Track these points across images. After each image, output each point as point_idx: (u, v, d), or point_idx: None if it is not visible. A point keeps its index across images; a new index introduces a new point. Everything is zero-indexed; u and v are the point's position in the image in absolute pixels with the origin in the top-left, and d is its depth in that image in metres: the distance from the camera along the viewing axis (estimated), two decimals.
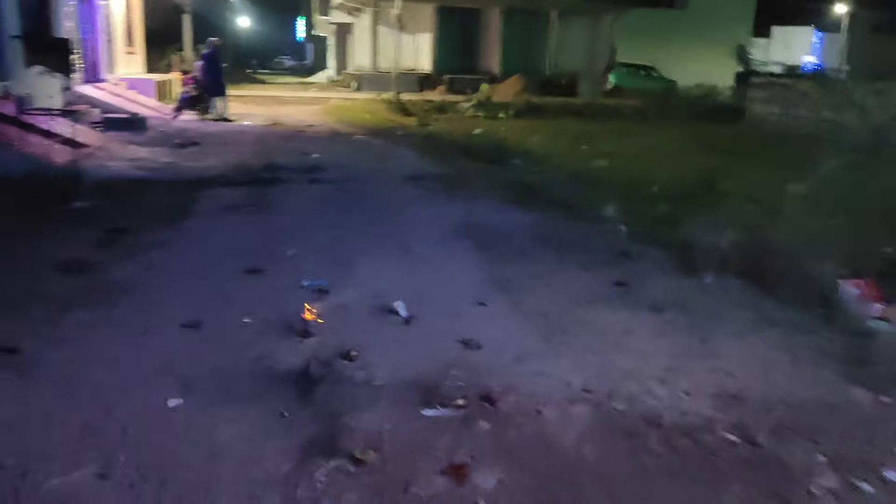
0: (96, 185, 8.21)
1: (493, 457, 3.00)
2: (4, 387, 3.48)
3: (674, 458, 3.04)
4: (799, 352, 4.16)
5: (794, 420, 3.36)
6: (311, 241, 6.28)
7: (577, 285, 5.27)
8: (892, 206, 6.43)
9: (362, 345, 4.04)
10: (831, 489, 2.83)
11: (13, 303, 4.53)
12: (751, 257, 5.67)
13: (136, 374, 3.66)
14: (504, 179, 9.84)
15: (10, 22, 11.53)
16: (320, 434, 3.13)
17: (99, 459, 2.90)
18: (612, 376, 3.77)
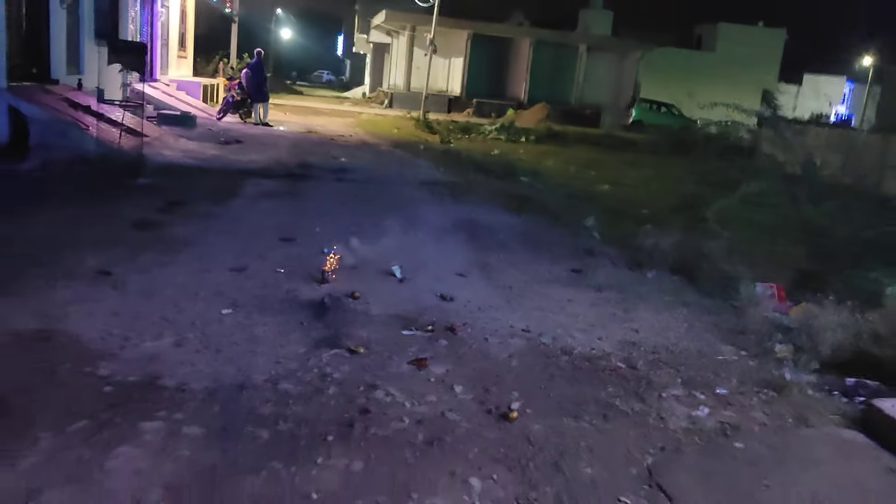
0: (156, 167, 9.69)
1: (446, 358, 4.30)
2: (105, 293, 4.85)
3: (574, 372, 4.32)
4: (696, 323, 5.43)
5: (669, 358, 4.63)
6: (333, 222, 7.64)
7: (542, 270, 6.56)
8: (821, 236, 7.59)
9: (365, 291, 5.37)
10: (675, 395, 4.10)
11: (103, 245, 5.92)
12: (690, 261, 6.93)
13: (198, 294, 5.01)
14: (507, 191, 11.16)
15: (87, 26, 13.12)
16: (327, 336, 4.46)
17: (175, 335, 4.25)
18: (547, 325, 5.06)
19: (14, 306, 4.42)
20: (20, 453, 2.89)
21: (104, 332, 4.18)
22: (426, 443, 3.30)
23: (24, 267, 5.18)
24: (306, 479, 2.92)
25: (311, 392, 3.69)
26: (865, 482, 3.32)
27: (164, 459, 2.95)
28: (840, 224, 7.16)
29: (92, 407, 3.33)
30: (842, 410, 4.00)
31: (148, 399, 3.45)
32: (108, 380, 3.61)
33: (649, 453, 3.39)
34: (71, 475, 2.78)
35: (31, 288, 4.77)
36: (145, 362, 3.85)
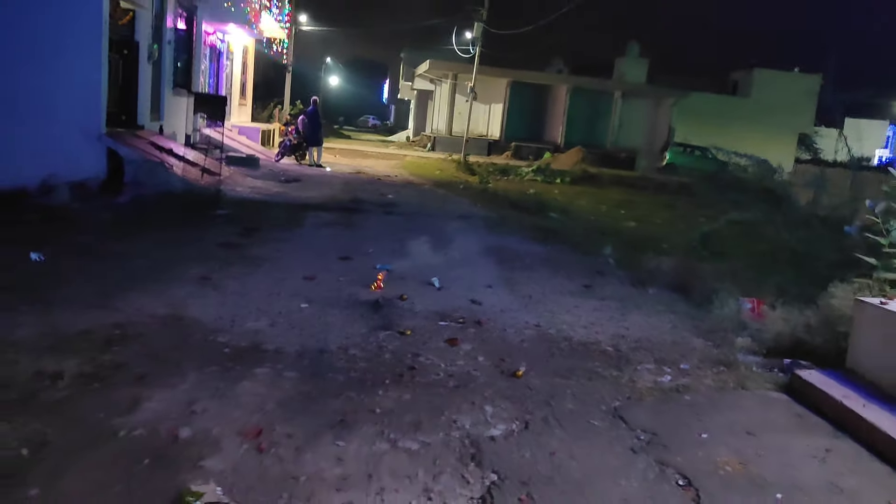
0: (231, 201, 11.25)
1: (473, 340, 5.61)
2: (210, 292, 6.28)
3: (571, 352, 5.58)
4: (679, 325, 6.64)
5: (648, 346, 5.87)
6: (383, 245, 9.04)
7: (557, 285, 7.84)
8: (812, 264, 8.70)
9: (410, 295, 6.72)
10: (647, 368, 5.33)
11: (199, 259, 7.39)
12: (687, 281, 8.14)
13: (280, 294, 6.42)
14: (537, 225, 12.48)
15: (167, 78, 14.94)
16: (382, 323, 5.81)
17: (268, 319, 5.64)
18: (554, 322, 6.33)
19: (148, 299, 5.86)
20: (178, 382, 4.27)
21: (216, 317, 5.59)
22: (455, 387, 4.61)
23: (145, 273, 6.66)
24: (371, 402, 4.24)
25: (372, 356, 5.03)
26: (774, 420, 4.52)
27: (274, 388, 4.31)
28: (823, 251, 8.35)
29: (218, 359, 4.71)
30: (775, 381, 5.19)
31: (256, 356, 4.83)
32: (226, 345, 5.00)
33: (617, 400, 4.64)
34: (214, 394, 4.15)
35: (155, 287, 6.22)
36: (250, 335, 5.24)
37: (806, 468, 3.91)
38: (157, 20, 14.20)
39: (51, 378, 4.14)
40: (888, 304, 4.88)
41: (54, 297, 5.73)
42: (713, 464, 3.84)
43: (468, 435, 3.93)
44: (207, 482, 3.19)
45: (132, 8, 12.91)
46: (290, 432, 3.75)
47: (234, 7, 17.19)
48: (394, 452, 3.66)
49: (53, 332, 4.91)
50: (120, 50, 12.69)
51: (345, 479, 3.35)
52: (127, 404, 3.89)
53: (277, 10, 24.06)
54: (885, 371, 4.71)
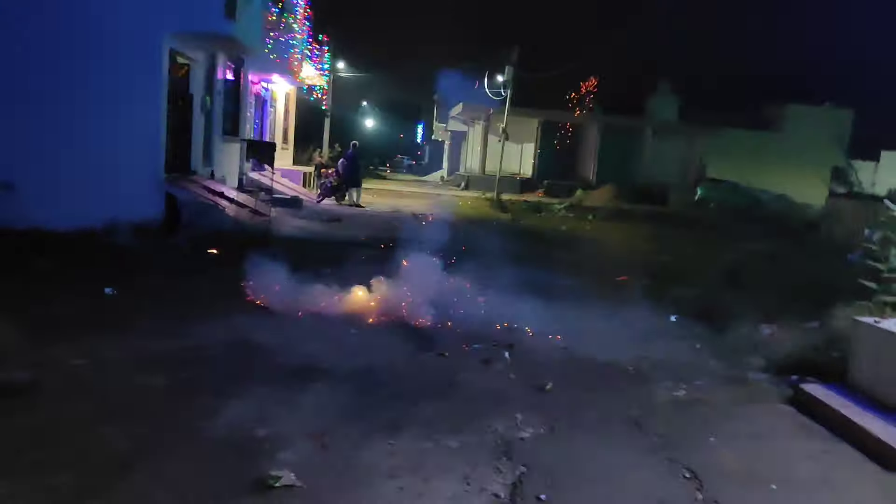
0: (279, 239, 12.03)
1: (505, 361, 6.20)
2: (267, 320, 6.98)
3: (595, 371, 6.14)
4: (698, 348, 7.15)
5: (667, 366, 6.40)
6: (421, 277, 9.68)
7: (583, 312, 8.39)
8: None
9: (447, 322, 7.34)
10: (664, 385, 5.86)
11: (258, 291, 8.09)
12: (710, 309, 8.64)
13: (330, 322, 7.09)
14: (567, 259, 13.04)
15: (217, 126, 15.94)
16: (422, 346, 6.43)
17: (321, 343, 6.30)
18: (581, 345, 6.90)
19: (213, 326, 6.58)
20: (248, 394, 4.93)
21: (275, 341, 6.27)
22: (489, 399, 5.20)
23: (208, 305, 7.40)
24: (416, 410, 4.86)
25: (415, 374, 5.66)
26: (778, 428, 5.03)
27: (331, 399, 4.96)
28: (835, 279, 8.81)
29: (280, 377, 5.37)
30: (783, 395, 5.69)
31: (313, 374, 5.48)
32: (285, 365, 5.67)
33: (635, 411, 5.19)
34: (280, 403, 4.80)
35: (219, 317, 6.94)
36: (307, 356, 5.90)
37: (801, 466, 4.41)
38: (209, 73, 15.22)
39: (142, 391, 4.83)
40: (881, 322, 5.37)
41: (132, 326, 6.47)
42: (718, 462, 4.37)
43: (501, 437, 4.52)
44: (282, 470, 3.82)
45: (188, 63, 13.93)
46: (347, 433, 4.38)
47: (278, 58, 18.23)
48: (437, 449, 4.26)
49: (138, 355, 5.62)
50: (176, 101, 13.67)
51: (396, 469, 3.96)
52: (209, 411, 4.56)
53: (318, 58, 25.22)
54: (879, 383, 5.20)
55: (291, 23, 19.33)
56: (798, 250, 9.98)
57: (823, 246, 11.63)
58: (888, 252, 6.19)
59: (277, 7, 17.66)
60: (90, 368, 5.19)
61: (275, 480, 3.68)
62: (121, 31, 11.46)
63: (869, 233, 6.44)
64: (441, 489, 3.79)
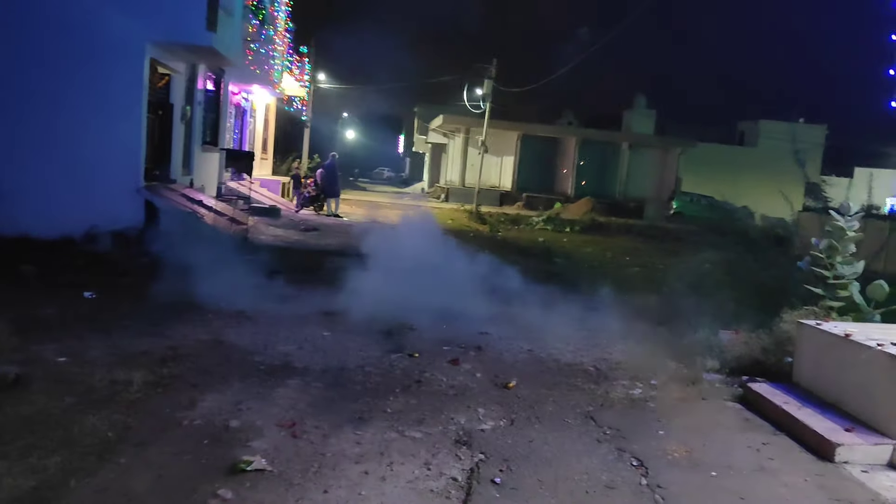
0: (257, 247, 12.27)
1: (472, 361, 6.50)
2: (245, 323, 7.24)
3: (558, 370, 6.46)
4: (658, 351, 7.48)
5: (626, 366, 6.73)
6: (396, 285, 9.98)
7: (553, 319, 8.70)
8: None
9: (419, 326, 7.63)
10: (622, 383, 6.19)
11: (233, 297, 8.33)
12: (673, 314, 8.98)
13: (305, 324, 7.36)
14: (541, 269, 13.38)
15: (197, 135, 16.17)
16: (394, 348, 6.71)
17: (296, 344, 6.57)
18: (545, 347, 7.22)
19: (192, 328, 6.83)
20: (225, 389, 5.19)
21: (251, 342, 6.53)
22: (454, 395, 5.50)
23: (187, 308, 7.63)
24: (383, 404, 5.14)
25: (385, 372, 5.94)
26: (723, 422, 5.36)
27: (303, 394, 5.22)
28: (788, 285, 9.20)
29: (256, 373, 5.63)
30: (732, 394, 6.02)
31: (287, 371, 5.75)
32: (261, 363, 5.93)
33: (591, 406, 5.51)
34: (255, 397, 5.07)
35: (198, 319, 7.19)
36: (281, 356, 6.17)
37: (741, 455, 4.74)
38: (190, 83, 15.46)
39: (123, 385, 5.07)
40: (822, 324, 5.74)
41: (112, 326, 6.70)
42: (663, 451, 4.69)
43: (462, 428, 4.81)
44: (254, 456, 4.08)
45: (168, 73, 14.17)
46: (317, 424, 4.65)
47: (258, 69, 18.51)
48: (401, 439, 4.54)
49: (118, 353, 5.86)
50: (156, 110, 13.90)
51: (362, 456, 4.24)
52: (186, 403, 4.81)
53: (298, 70, 25.51)
54: (820, 380, 5.56)
55: (272, 35, 19.62)
56: (760, 260, 10.36)
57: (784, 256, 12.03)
58: (833, 259, 6.56)
59: (258, 19, 17.95)
60: (74, 365, 5.42)
61: (247, 465, 3.94)
62: (103, 41, 11.69)
63: (816, 241, 6.82)
64: (403, 473, 4.07)
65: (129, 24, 11.53)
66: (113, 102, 12.01)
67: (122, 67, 11.99)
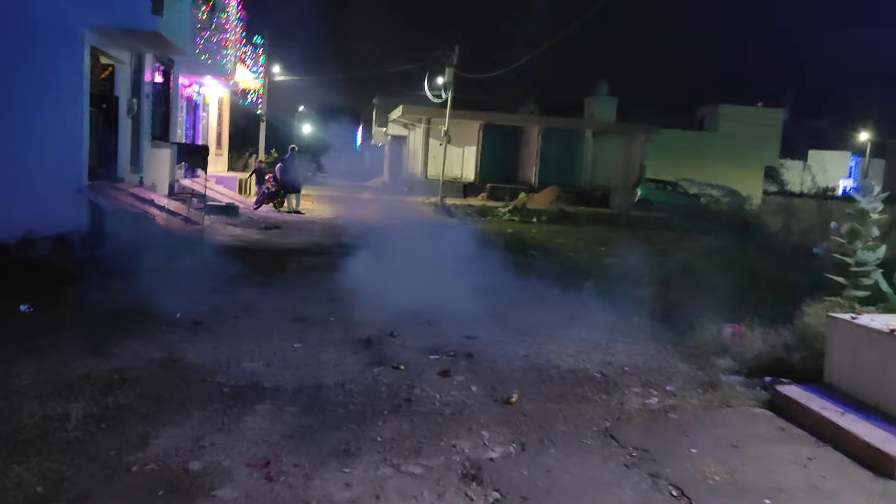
0: (214, 249, 11.37)
1: (465, 372, 5.78)
2: (203, 336, 6.41)
3: (560, 378, 5.77)
4: (663, 350, 6.86)
5: (635, 371, 6.07)
6: (369, 285, 9.20)
7: (543, 317, 8.04)
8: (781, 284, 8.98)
9: (401, 332, 6.88)
10: (634, 391, 5.53)
11: (188, 305, 7.47)
12: (669, 309, 8.37)
13: (272, 335, 6.56)
14: (518, 263, 12.70)
15: (146, 130, 15.14)
16: (375, 360, 5.96)
17: (264, 360, 5.78)
18: (543, 352, 6.53)
19: (142, 344, 5.99)
20: (183, 420, 4.39)
21: (212, 359, 5.72)
22: (451, 414, 4.77)
23: (136, 320, 6.77)
24: (372, 432, 4.39)
25: (369, 390, 5.18)
26: (758, 433, 4.72)
27: (277, 422, 4.45)
28: (795, 274, 8.64)
29: (219, 398, 4.84)
30: (758, 398, 5.40)
31: (256, 394, 4.96)
32: (224, 384, 5.13)
33: (607, 421, 4.83)
34: (219, 429, 4.28)
35: (148, 333, 6.34)
36: (247, 375, 5.37)
37: (789, 474, 4.10)
38: (136, 74, 14.43)
39: (59, 420, 4.24)
40: (858, 318, 5.14)
41: (49, 345, 5.83)
42: (702, 474, 4.02)
43: (468, 458, 4.09)
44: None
45: (111, 63, 13.15)
46: (296, 462, 3.89)
47: (210, 60, 17.49)
48: (398, 476, 3.80)
49: (55, 379, 5.01)
50: (99, 104, 12.89)
51: (353, 502, 3.49)
52: (136, 442, 4.01)
53: (252, 61, 24.45)
54: (859, 382, 4.95)
55: (223, 23, 18.60)
56: (751, 246, 9.84)
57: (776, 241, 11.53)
58: (855, 245, 5.98)
59: (208, 5, 16.93)
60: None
61: None
62: (36, 27, 10.67)
63: (835, 226, 6.24)
64: None
65: (64, 7, 10.47)
66: (50, 94, 10.99)
67: (58, 56, 10.97)
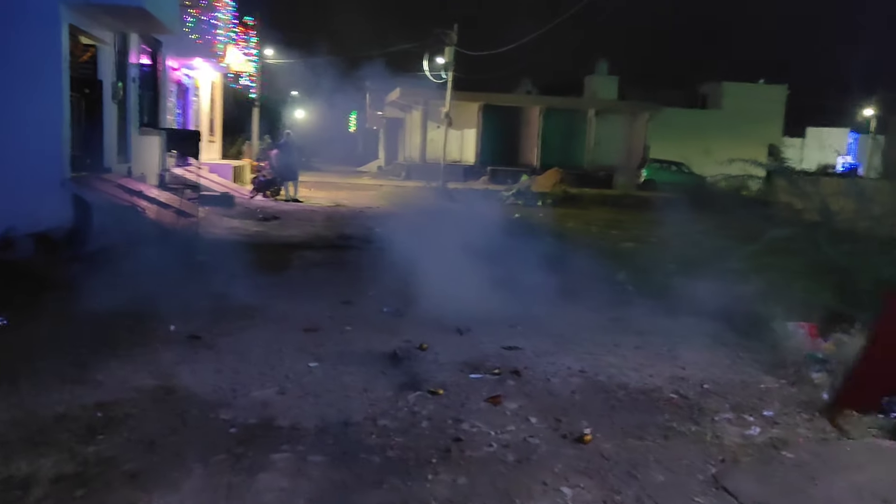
0: (210, 244, 10.38)
1: (516, 395, 4.82)
2: (202, 354, 5.44)
3: (632, 403, 4.82)
4: (738, 360, 5.92)
5: (716, 388, 5.13)
6: (383, 286, 8.23)
7: (586, 319, 7.09)
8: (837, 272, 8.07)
9: (431, 343, 5.92)
10: (727, 418, 4.59)
11: (185, 314, 6.50)
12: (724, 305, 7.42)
13: (282, 351, 5.59)
14: (536, 252, 11.71)
15: (133, 117, 14.06)
16: (407, 381, 5.00)
17: (276, 386, 4.81)
18: (600, 366, 5.58)
19: (132, 367, 5.01)
20: (181, 479, 3.43)
21: (214, 386, 4.75)
22: (516, 461, 3.81)
23: (126, 335, 5.79)
24: (422, 490, 3.43)
25: (407, 426, 4.22)
26: None
27: (301, 479, 3.49)
28: (859, 265, 7.69)
29: (225, 444, 3.87)
30: (879, 424, 4.47)
31: (270, 436, 3.99)
32: (231, 423, 4.16)
33: (710, 464, 3.88)
34: (229, 493, 3.32)
35: (139, 352, 5.36)
36: (258, 408, 4.40)
37: None
38: (121, 56, 13.35)
39: (20, 487, 3.28)
40: None
41: (23, 370, 4.86)
42: None
43: None
44: None
45: (93, 44, 12.07)
46: None
47: (200, 40, 16.40)
48: None
49: (23, 420, 4.04)
50: (81, 89, 11.82)
51: None
52: None
53: (244, 43, 23.31)
54: None
55: (213, 1, 17.48)
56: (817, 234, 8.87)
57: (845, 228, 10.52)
58: None
59: None
60: None
61: None
62: (5, 2, 9.60)
63: None
64: None
65: None
66: (25, 78, 9.91)
67: (33, 35, 9.89)
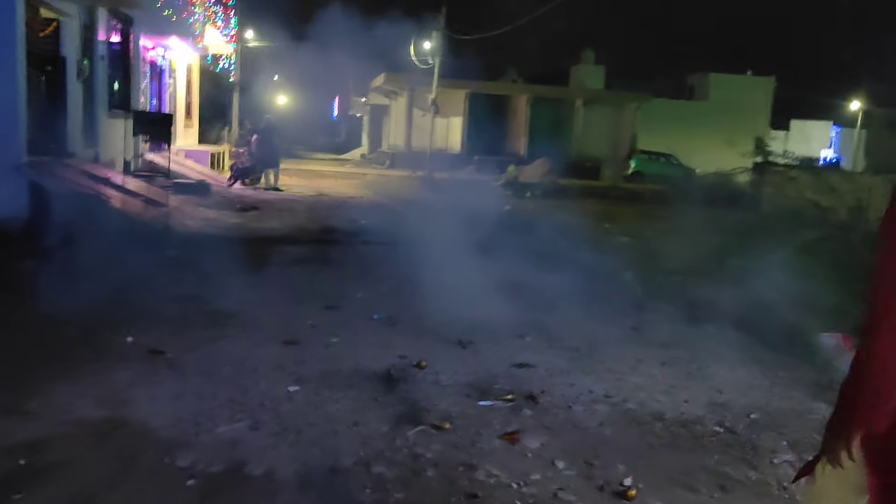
0: (182, 238, 9.52)
1: (535, 430, 4.06)
2: (163, 374, 4.62)
3: (672, 440, 4.08)
4: (777, 380, 5.20)
5: (767, 419, 4.40)
6: (372, 286, 7.45)
7: (600, 330, 6.31)
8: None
9: (430, 359, 5.14)
10: (788, 461, 3.85)
11: (147, 322, 5.70)
12: (747, 313, 6.71)
13: (258, 370, 4.78)
14: (531, 248, 10.96)
15: (101, 99, 13.12)
16: (405, 411, 4.22)
17: (248, 418, 4.01)
18: (626, 389, 4.83)
19: (74, 392, 4.18)
20: None
21: (174, 418, 3.93)
22: None
23: (75, 347, 4.97)
24: None
25: (408, 475, 3.44)
26: None
27: None
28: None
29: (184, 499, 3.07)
30: None
31: (238, 490, 3.21)
32: (189, 471, 3.36)
33: None
34: None
35: (88, 371, 4.54)
36: (225, 449, 3.60)
37: None
38: (87, 32, 12.40)
39: None
40: None
41: None
42: None
43: None
44: None
45: (56, 17, 11.11)
46: None
47: (175, 17, 15.44)
48: None
49: None
50: (42, 66, 10.89)
51: None
52: None
53: (223, 23, 22.28)
54: None
55: None
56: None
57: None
58: None
59: None
60: None
61: None
62: None
63: None
64: None
65: None
66: None
67: None
